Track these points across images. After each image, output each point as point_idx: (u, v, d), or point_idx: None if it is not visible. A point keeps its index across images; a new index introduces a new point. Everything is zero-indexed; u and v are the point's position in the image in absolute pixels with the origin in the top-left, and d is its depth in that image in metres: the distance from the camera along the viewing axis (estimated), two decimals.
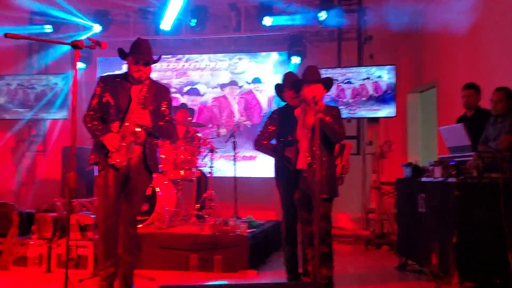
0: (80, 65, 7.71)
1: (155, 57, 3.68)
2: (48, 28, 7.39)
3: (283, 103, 4.33)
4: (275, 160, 4.31)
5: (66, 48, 7.57)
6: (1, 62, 7.62)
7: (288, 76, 4.27)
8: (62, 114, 7.42)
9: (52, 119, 7.60)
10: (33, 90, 7.38)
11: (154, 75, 7.58)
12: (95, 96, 3.58)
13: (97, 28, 7.37)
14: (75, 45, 2.89)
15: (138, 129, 3.47)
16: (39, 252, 4.62)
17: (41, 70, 7.80)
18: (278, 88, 4.37)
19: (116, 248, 3.54)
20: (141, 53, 3.57)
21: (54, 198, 6.87)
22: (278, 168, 4.28)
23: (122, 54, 3.61)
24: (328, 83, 3.79)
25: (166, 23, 7.15)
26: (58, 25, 7.44)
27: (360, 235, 6.88)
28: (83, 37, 6.82)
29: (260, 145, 4.20)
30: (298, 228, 4.02)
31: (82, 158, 4.37)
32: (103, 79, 3.66)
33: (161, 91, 3.72)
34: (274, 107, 6.25)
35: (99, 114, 3.54)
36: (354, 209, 7.39)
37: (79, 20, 7.40)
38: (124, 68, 3.74)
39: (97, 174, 3.53)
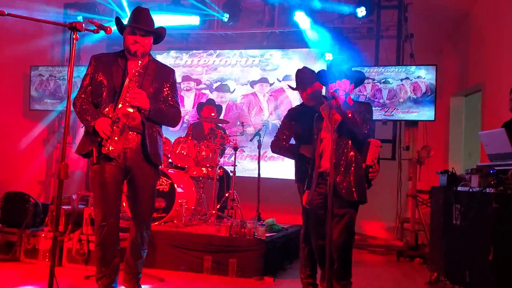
0: None
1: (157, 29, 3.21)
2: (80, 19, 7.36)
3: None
4: (295, 161, 4.02)
5: (97, 36, 7.54)
6: (36, 53, 7.68)
7: (299, 74, 3.92)
8: None
9: None
10: (64, 81, 7.38)
11: (184, 70, 7.54)
12: (86, 77, 3.16)
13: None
14: (73, 27, 2.65)
15: (130, 110, 2.94)
16: (50, 245, 4.51)
17: (74, 61, 7.79)
18: (292, 89, 4.06)
19: (116, 253, 3.17)
20: (138, 21, 3.11)
21: (79, 191, 6.92)
22: (298, 169, 3.99)
23: (119, 25, 3.21)
24: (356, 77, 3.45)
25: (194, 18, 6.99)
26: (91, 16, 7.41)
27: (393, 245, 6.50)
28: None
29: (277, 147, 3.94)
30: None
31: None
32: (95, 58, 3.21)
33: (163, 71, 3.25)
34: None
35: (91, 98, 3.12)
36: (388, 218, 6.99)
37: (113, 10, 7.34)
38: (160, 58, 3.37)
39: (90, 168, 3.15)
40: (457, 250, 3.91)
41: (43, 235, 4.55)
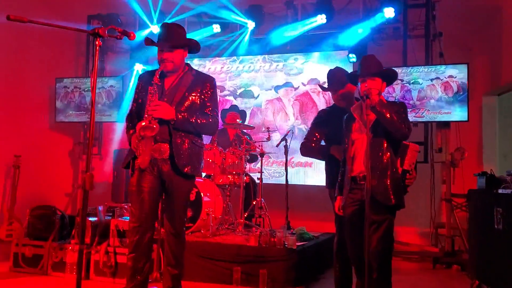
0: (139, 66, 7.59)
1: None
2: None
3: None
4: (325, 165, 3.87)
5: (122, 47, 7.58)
6: (61, 65, 7.74)
7: (331, 75, 3.80)
8: (117, 117, 7.37)
9: (107, 121, 7.57)
10: (89, 92, 7.39)
11: None
12: (133, 95, 3.39)
13: (155, 29, 7.25)
14: (96, 33, 2.58)
15: (143, 123, 3.05)
16: (77, 258, 4.44)
17: (98, 72, 7.81)
18: (323, 89, 3.96)
19: (147, 264, 3.20)
20: (162, 38, 3.20)
21: (105, 202, 6.88)
22: (329, 174, 3.84)
23: (153, 45, 3.30)
24: (387, 75, 3.29)
25: (216, 26, 6.97)
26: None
27: (428, 252, 6.25)
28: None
29: (306, 149, 3.81)
30: None
31: None
32: (141, 76, 3.40)
33: (199, 80, 3.30)
34: None
35: (136, 114, 3.29)
36: (422, 223, 6.73)
37: (136, 20, 7.32)
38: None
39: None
40: (501, 256, 3.68)
41: (70, 247, 4.50)
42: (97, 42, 2.62)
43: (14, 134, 6.66)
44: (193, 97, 3.23)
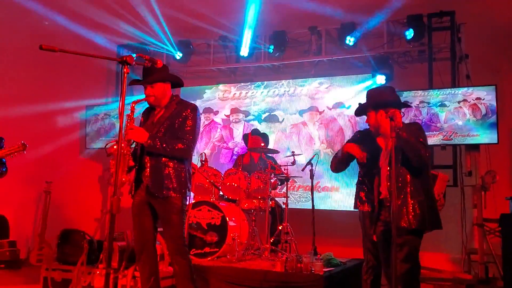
0: None
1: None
2: None
3: None
4: (356, 187, 3.88)
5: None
6: (92, 93, 7.95)
7: (370, 94, 3.81)
8: None
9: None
10: (117, 119, 7.55)
11: (232, 103, 7.55)
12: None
13: (178, 57, 7.41)
14: (124, 61, 2.68)
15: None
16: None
17: (126, 100, 7.98)
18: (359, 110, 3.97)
19: (155, 277, 3.54)
20: (142, 78, 3.57)
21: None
22: (359, 195, 3.84)
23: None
24: (388, 103, 3.26)
25: (245, 49, 7.04)
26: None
27: (460, 279, 6.05)
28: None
29: (333, 161, 3.90)
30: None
31: None
32: (144, 112, 3.74)
33: (180, 109, 3.56)
34: None
35: None
36: (453, 249, 6.55)
37: (164, 49, 7.48)
38: (205, 96, 3.80)
39: None
40: None
41: (98, 272, 4.53)
42: (125, 70, 2.72)
43: (46, 161, 6.83)
44: (172, 124, 3.50)
